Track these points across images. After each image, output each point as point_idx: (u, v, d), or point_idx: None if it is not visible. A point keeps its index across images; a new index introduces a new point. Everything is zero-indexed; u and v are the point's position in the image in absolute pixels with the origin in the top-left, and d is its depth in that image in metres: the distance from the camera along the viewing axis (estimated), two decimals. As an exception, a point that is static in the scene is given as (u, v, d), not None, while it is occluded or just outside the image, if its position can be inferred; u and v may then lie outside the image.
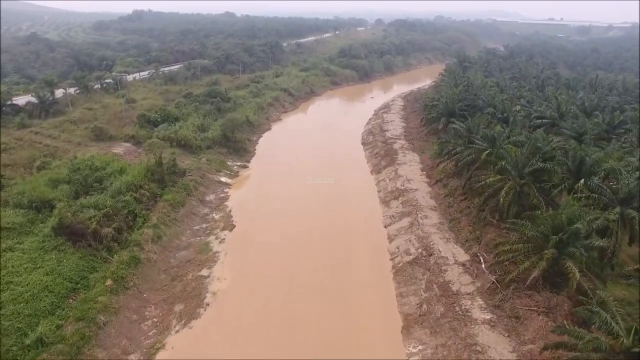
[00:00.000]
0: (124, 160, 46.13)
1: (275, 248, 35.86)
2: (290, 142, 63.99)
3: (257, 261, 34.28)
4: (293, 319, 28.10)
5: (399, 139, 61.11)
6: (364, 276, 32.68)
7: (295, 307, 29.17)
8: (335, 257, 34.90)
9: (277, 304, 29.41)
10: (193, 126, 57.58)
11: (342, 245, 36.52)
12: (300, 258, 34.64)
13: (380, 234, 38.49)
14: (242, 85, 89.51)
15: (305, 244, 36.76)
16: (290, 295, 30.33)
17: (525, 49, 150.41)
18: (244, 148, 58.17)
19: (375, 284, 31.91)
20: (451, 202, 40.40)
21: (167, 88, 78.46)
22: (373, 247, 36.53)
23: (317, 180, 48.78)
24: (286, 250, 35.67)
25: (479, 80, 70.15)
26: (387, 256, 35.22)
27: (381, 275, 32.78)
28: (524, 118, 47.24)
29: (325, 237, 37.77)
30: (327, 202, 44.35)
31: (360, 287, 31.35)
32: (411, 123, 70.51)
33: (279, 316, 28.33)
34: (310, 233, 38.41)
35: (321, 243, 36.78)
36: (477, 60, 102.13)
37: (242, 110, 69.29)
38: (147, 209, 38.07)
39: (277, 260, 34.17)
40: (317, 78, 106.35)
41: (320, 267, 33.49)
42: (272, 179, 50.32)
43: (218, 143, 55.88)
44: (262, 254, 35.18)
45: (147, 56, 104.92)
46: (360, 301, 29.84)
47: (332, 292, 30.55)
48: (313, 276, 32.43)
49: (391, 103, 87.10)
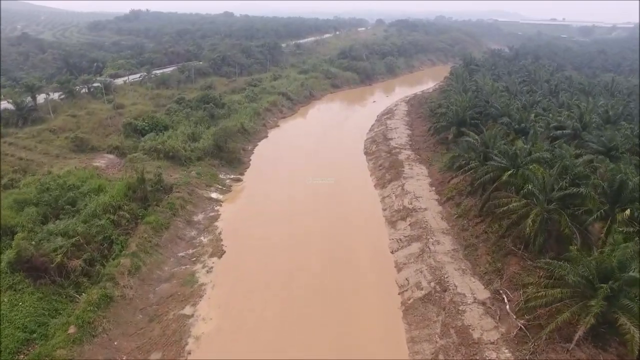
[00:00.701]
0: (104, 175, 42.06)
1: (268, 281, 31.71)
2: (288, 151, 59.86)
3: (248, 296, 30.13)
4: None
5: (405, 149, 57.00)
6: (370, 315, 28.55)
7: (290, 353, 25.08)
8: (338, 290, 30.78)
9: (268, 351, 25.32)
10: (183, 135, 53.48)
11: (345, 276, 32.37)
12: (296, 293, 30.51)
13: (386, 262, 34.35)
14: (238, 88, 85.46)
15: (302, 274, 32.65)
16: (284, 340, 26.23)
17: (530, 51, 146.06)
18: (238, 159, 54.02)
19: (383, 325, 27.79)
20: (465, 225, 36.28)
21: (158, 92, 74.31)
22: (379, 278, 32.37)
23: (316, 184, 44.89)
24: (280, 283, 31.52)
25: (489, 85, 65.99)
26: (395, 289, 31.10)
27: (389, 314, 28.65)
28: (543, 130, 43.09)
29: (326, 266, 33.62)
30: (327, 221, 40.29)
31: (366, 330, 27.21)
32: (417, 130, 66.40)
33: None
34: (308, 260, 34.31)
35: (321, 274, 32.61)
36: (484, 63, 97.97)
37: (237, 117, 65.24)
38: (126, 233, 33.96)
39: (270, 297, 30.02)
40: (317, 81, 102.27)
41: (320, 304, 29.38)
42: (267, 194, 46.19)
43: (210, 154, 51.75)
44: (253, 287, 31.03)
45: (139, 58, 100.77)
46: (367, 348, 25.71)
47: (334, 338, 26.44)
48: (311, 314, 28.33)
49: (394, 108, 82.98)
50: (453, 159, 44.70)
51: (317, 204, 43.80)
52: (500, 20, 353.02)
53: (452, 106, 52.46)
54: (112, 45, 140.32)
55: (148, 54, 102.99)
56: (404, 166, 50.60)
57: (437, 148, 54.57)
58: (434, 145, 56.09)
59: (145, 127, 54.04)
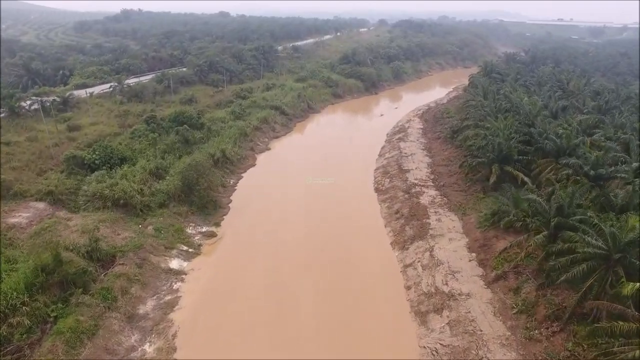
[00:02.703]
0: (18, 242, 30.20)
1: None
2: (279, 186, 47.99)
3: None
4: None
5: (427, 186, 45.18)
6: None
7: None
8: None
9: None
10: (143, 172, 41.61)
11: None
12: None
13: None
14: (225, 101, 73.56)
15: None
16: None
17: (548, 54, 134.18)
18: (214, 201, 42.12)
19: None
20: (533, 332, 24.32)
21: (127, 108, 62.42)
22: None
23: (314, 239, 33.29)
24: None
25: (526, 102, 54.14)
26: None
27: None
28: (628, 176, 31.18)
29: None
30: (330, 307, 28.55)
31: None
32: (437, 157, 54.54)
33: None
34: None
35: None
36: (507, 71, 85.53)
37: (218, 141, 53.43)
38: (21, 354, 22.17)
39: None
40: (316, 90, 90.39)
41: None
42: (249, 258, 34.42)
43: (176, 198, 39.91)
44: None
45: (115, 64, 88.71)
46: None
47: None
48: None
49: (406, 124, 71.11)
50: (497, 215, 33.01)
51: (315, 273, 32.06)
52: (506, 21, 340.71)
53: (492, 137, 40.37)
54: (93, 48, 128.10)
55: (126, 59, 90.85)
56: (429, 215, 38.77)
57: (468, 188, 42.71)
58: (464, 182, 44.26)
59: (96, 159, 42.13)
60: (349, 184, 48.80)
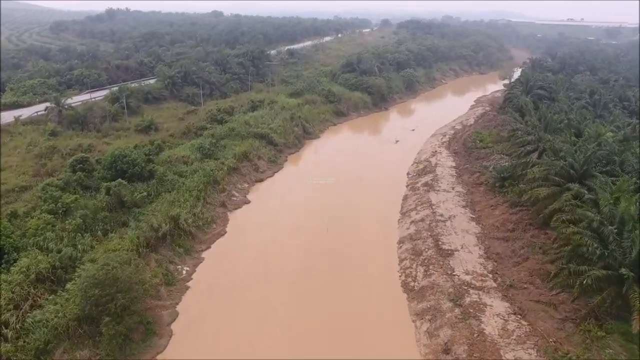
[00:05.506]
0: None
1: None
2: (257, 275, 31.48)
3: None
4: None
5: (486, 289, 28.52)
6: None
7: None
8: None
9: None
10: (24, 280, 25.00)
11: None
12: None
13: None
14: (195, 127, 56.77)
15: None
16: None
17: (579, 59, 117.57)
18: (146, 324, 25.55)
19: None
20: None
21: (54, 143, 45.85)
22: None
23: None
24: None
25: (611, 140, 37.79)
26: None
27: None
28: None
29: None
30: None
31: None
32: (486, 219, 37.89)
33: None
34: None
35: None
36: (555, 86, 67.80)
37: (171, 198, 36.93)
38: None
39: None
40: (315, 107, 73.92)
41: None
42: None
43: (72, 333, 23.32)
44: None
45: (67, 75, 71.90)
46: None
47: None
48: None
49: (433, 160, 54.30)
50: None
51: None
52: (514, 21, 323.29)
53: (598, 225, 23.73)
54: (59, 52, 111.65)
55: (79, 69, 73.94)
56: (502, 354, 22.27)
57: (560, 303, 26.14)
58: (545, 285, 27.69)
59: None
60: (361, 273, 32.08)
